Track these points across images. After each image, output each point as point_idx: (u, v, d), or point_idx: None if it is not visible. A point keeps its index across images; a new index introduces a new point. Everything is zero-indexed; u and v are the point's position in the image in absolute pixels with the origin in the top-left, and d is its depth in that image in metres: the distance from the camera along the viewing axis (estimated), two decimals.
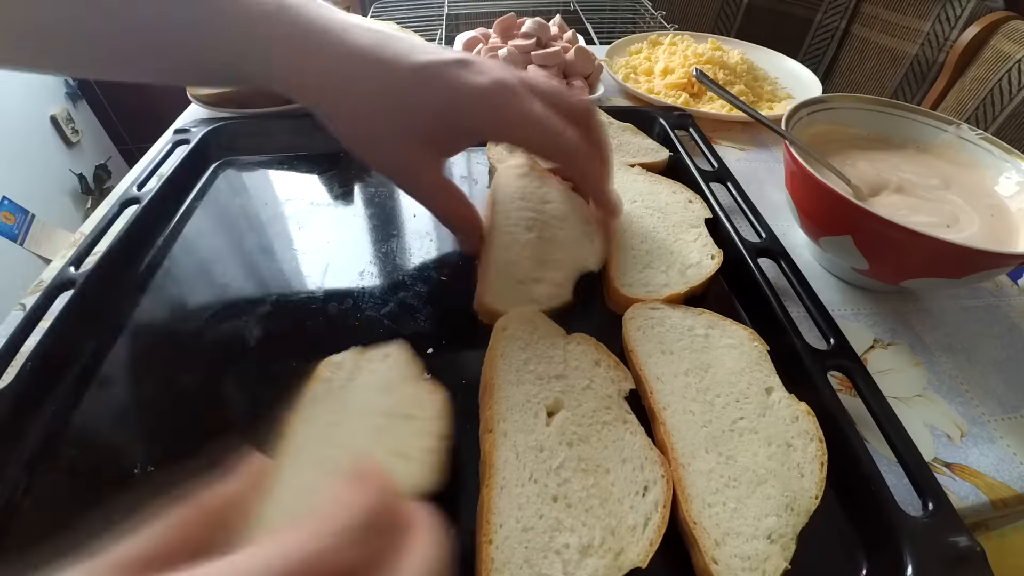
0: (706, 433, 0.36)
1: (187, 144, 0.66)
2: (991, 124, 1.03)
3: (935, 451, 0.40)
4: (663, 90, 0.84)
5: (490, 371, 0.39)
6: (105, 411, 0.42)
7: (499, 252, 0.49)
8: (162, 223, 0.56)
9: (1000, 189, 0.51)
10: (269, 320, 0.48)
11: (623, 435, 0.36)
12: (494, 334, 0.41)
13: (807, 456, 0.35)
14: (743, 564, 0.30)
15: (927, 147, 0.57)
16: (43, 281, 0.54)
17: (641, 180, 0.58)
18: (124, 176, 0.67)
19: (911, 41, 1.19)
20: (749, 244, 0.50)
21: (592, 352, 0.41)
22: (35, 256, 1.48)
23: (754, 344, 0.42)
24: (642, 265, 0.49)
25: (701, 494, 0.33)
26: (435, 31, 1.27)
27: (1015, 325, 0.50)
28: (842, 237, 0.47)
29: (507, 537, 0.31)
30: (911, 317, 0.50)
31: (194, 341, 0.47)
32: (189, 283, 0.52)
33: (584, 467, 0.34)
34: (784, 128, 0.51)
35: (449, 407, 0.37)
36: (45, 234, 1.53)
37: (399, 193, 0.62)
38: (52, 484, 0.37)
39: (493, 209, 0.53)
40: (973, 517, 0.37)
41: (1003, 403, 0.43)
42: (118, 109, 2.10)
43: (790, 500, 0.33)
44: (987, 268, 0.43)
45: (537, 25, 0.81)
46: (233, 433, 0.40)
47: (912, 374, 0.45)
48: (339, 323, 0.46)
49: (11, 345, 0.42)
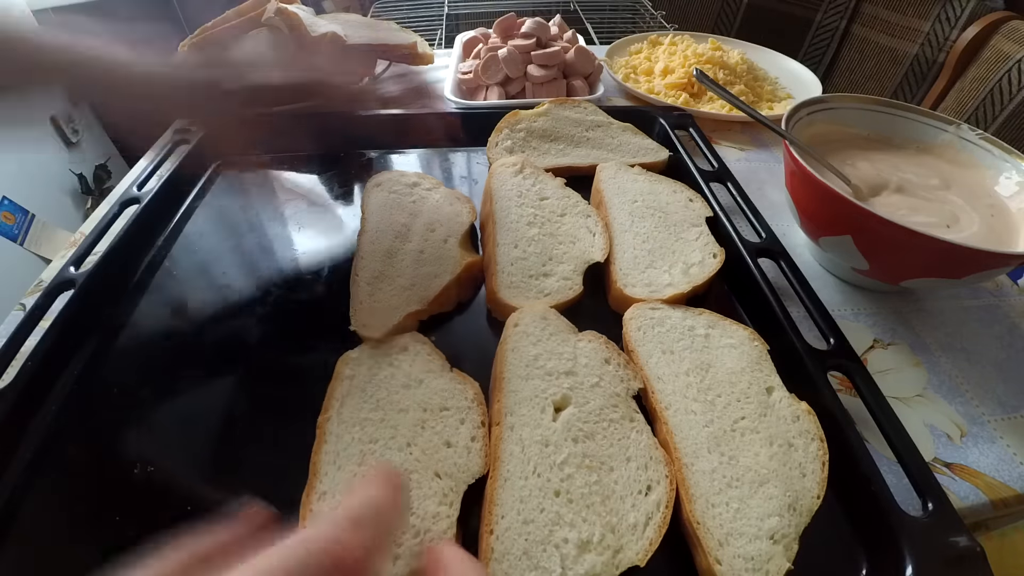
0: (708, 433, 0.36)
1: (187, 144, 0.66)
2: (991, 124, 1.03)
3: (935, 451, 0.40)
4: (663, 90, 0.84)
5: (500, 365, 0.39)
6: (105, 411, 0.42)
7: (506, 249, 0.49)
8: (162, 223, 0.56)
9: (1000, 189, 0.51)
10: (269, 320, 0.48)
11: (629, 433, 0.36)
12: (506, 329, 0.42)
13: (808, 456, 0.35)
14: (746, 565, 0.30)
15: (927, 147, 0.57)
16: (43, 281, 0.53)
17: (641, 180, 0.58)
18: (124, 176, 0.67)
19: (911, 41, 1.19)
20: (749, 244, 0.50)
21: (602, 350, 0.41)
22: (35, 256, 1.47)
23: (754, 344, 0.42)
24: (644, 265, 0.49)
25: (704, 494, 0.33)
26: (435, 31, 1.27)
27: (1015, 325, 0.50)
28: (842, 237, 0.47)
29: (508, 528, 0.31)
30: (911, 317, 0.50)
31: (194, 341, 0.47)
32: (189, 283, 0.52)
33: (588, 464, 0.34)
34: (784, 128, 0.51)
35: (482, 396, 0.38)
36: (45, 234, 1.53)
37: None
38: (52, 484, 0.37)
39: (492, 207, 0.53)
40: (973, 517, 0.37)
41: (1003, 403, 0.43)
42: None
43: (792, 500, 0.33)
44: (987, 268, 0.43)
45: (537, 25, 0.81)
46: (233, 432, 0.40)
47: (912, 374, 0.45)
48: (340, 322, 0.46)
49: (11, 345, 0.42)
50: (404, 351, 0.41)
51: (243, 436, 0.40)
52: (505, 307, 0.45)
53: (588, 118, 0.67)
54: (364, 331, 0.43)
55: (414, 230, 0.52)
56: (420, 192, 0.56)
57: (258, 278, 0.52)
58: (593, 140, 0.66)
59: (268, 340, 0.47)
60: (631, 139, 0.66)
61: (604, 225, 0.52)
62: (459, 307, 0.49)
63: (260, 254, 0.55)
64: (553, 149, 0.65)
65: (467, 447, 0.35)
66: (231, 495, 0.34)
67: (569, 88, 0.79)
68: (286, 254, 0.55)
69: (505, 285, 0.46)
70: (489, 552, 0.30)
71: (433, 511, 0.32)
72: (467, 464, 0.34)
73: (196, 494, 0.36)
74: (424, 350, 0.41)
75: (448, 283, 0.47)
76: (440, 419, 0.37)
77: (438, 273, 0.48)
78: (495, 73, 0.78)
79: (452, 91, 0.78)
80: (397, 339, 0.42)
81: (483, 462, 0.35)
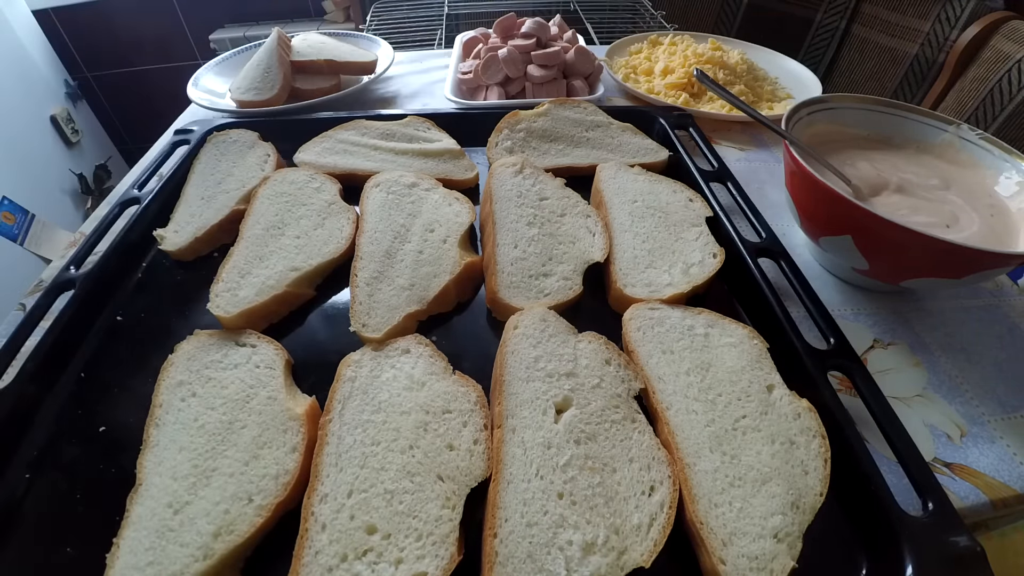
0: (709, 432, 0.36)
1: (187, 144, 0.66)
2: (991, 124, 1.03)
3: (935, 451, 0.40)
4: (663, 90, 0.84)
5: (500, 368, 0.39)
6: (105, 411, 0.42)
7: (505, 249, 0.49)
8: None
9: (1000, 189, 0.51)
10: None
11: (631, 434, 0.36)
12: (505, 331, 0.42)
13: (810, 453, 0.35)
14: (750, 564, 0.30)
15: (927, 147, 0.57)
16: (43, 281, 0.53)
17: (641, 180, 0.58)
18: (124, 176, 0.67)
19: (911, 41, 1.19)
20: (749, 244, 0.50)
21: (603, 351, 0.41)
22: (35, 256, 1.47)
23: (754, 342, 0.42)
24: (644, 265, 0.49)
25: (707, 494, 0.33)
26: (435, 31, 1.27)
27: (1015, 325, 0.50)
28: (842, 237, 0.47)
29: (511, 532, 0.31)
30: (911, 317, 0.50)
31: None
32: (189, 283, 0.52)
33: (591, 465, 0.34)
34: (784, 128, 0.51)
35: (484, 400, 0.38)
36: (45, 234, 1.53)
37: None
38: (52, 484, 0.37)
39: (492, 206, 0.53)
40: (973, 517, 0.37)
41: (1003, 403, 0.43)
42: (118, 109, 2.10)
43: (795, 498, 0.33)
44: (987, 268, 0.43)
45: (537, 25, 0.81)
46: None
47: (912, 374, 0.45)
48: (341, 321, 0.46)
49: (11, 345, 0.42)
50: (406, 353, 0.41)
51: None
52: (505, 307, 0.45)
53: (588, 118, 0.67)
54: (364, 331, 0.43)
55: (413, 230, 0.52)
56: (419, 192, 0.56)
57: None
58: (593, 140, 0.66)
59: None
60: (631, 139, 0.66)
61: (604, 225, 0.52)
62: (459, 307, 0.49)
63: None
64: (553, 149, 0.65)
65: (470, 450, 0.35)
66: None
67: (569, 88, 0.79)
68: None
69: (505, 285, 0.46)
70: (493, 556, 0.30)
71: (436, 514, 0.32)
72: (470, 467, 0.34)
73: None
74: (426, 352, 0.41)
75: (447, 283, 0.47)
76: (443, 422, 0.37)
77: (437, 273, 0.48)
78: (495, 73, 0.78)
79: (452, 91, 0.78)
80: (399, 341, 0.42)
81: (486, 465, 0.35)
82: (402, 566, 0.30)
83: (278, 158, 0.63)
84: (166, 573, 0.31)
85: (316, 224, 0.54)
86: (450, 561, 0.30)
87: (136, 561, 0.31)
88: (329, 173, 0.60)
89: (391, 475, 0.34)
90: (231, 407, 0.38)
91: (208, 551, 0.31)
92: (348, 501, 0.33)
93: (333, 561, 0.30)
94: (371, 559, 0.31)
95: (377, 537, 0.31)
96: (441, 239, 0.51)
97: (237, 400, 0.39)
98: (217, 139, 0.66)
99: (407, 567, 0.30)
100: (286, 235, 0.52)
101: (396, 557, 0.31)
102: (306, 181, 0.58)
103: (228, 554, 0.31)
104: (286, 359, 0.42)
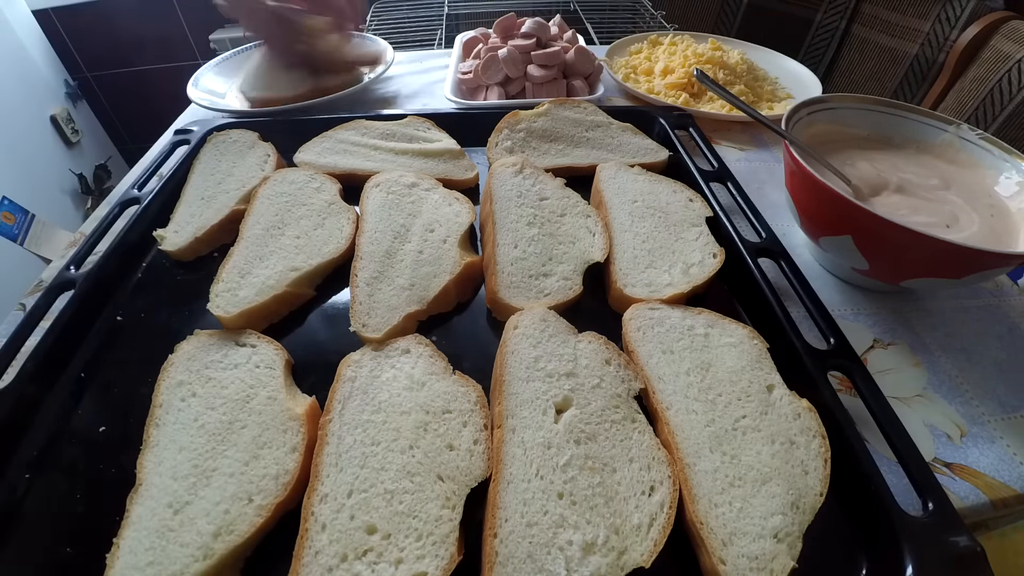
0: (709, 432, 0.36)
1: (187, 144, 0.66)
2: (991, 124, 1.03)
3: (935, 451, 0.40)
4: (663, 90, 0.84)
5: (500, 368, 0.39)
6: (105, 411, 0.42)
7: (505, 249, 0.49)
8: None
9: (1000, 189, 0.51)
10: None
11: (631, 434, 0.36)
12: (505, 331, 0.42)
13: (810, 453, 0.35)
14: (750, 564, 0.30)
15: (927, 147, 0.57)
16: (43, 281, 0.53)
17: (641, 180, 0.58)
18: (124, 176, 0.67)
19: (911, 41, 1.19)
20: (749, 244, 0.50)
21: (603, 351, 0.41)
22: (35, 256, 1.47)
23: (754, 342, 0.42)
24: (644, 265, 0.49)
25: (707, 494, 0.33)
26: (435, 31, 1.27)
27: (1015, 325, 0.50)
28: (842, 237, 0.47)
29: (511, 532, 0.31)
30: (911, 317, 0.50)
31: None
32: (189, 283, 0.52)
33: (591, 465, 0.34)
34: (784, 128, 0.51)
35: (484, 400, 0.38)
36: (45, 234, 1.53)
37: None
38: (52, 484, 0.37)
39: (492, 207, 0.53)
40: (973, 517, 0.37)
41: (1003, 403, 0.43)
42: (118, 109, 2.10)
43: (795, 498, 0.33)
44: (987, 268, 0.43)
45: (537, 25, 0.81)
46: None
47: (912, 374, 0.45)
48: (341, 321, 0.46)
49: (11, 345, 0.42)
50: (406, 353, 0.41)
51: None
52: (505, 307, 0.45)
53: (588, 118, 0.67)
54: (364, 331, 0.43)
55: (413, 230, 0.52)
56: (419, 192, 0.56)
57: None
58: (593, 140, 0.66)
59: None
60: (631, 139, 0.66)
61: (604, 225, 0.52)
62: (459, 307, 0.49)
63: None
64: (553, 149, 0.65)
65: (470, 450, 0.35)
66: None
67: (569, 88, 0.79)
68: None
69: (505, 285, 0.46)
70: (493, 556, 0.30)
71: (436, 514, 0.32)
72: (470, 467, 0.34)
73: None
74: (427, 352, 0.41)
75: (447, 283, 0.47)
76: (443, 422, 0.37)
77: (437, 273, 0.48)
78: (495, 73, 0.78)
79: (452, 91, 0.78)
80: (399, 341, 0.42)
81: (486, 465, 0.35)
82: (402, 566, 0.30)
83: (278, 158, 0.63)
84: (166, 573, 0.31)
85: (316, 224, 0.54)
86: (450, 561, 0.30)
87: (136, 561, 0.31)
88: (329, 173, 0.60)
89: (391, 475, 0.34)
90: (231, 407, 0.38)
91: (208, 551, 0.31)
92: (348, 501, 0.33)
93: (333, 561, 0.31)
94: (371, 559, 0.31)
95: (377, 537, 0.31)
96: (441, 239, 0.51)
97: (237, 400, 0.39)
98: (217, 139, 0.66)
99: (407, 567, 0.30)
100: (286, 235, 0.52)
101: (396, 557, 0.31)
102: (306, 181, 0.58)
103: (228, 554, 0.31)
104: (286, 359, 0.42)
